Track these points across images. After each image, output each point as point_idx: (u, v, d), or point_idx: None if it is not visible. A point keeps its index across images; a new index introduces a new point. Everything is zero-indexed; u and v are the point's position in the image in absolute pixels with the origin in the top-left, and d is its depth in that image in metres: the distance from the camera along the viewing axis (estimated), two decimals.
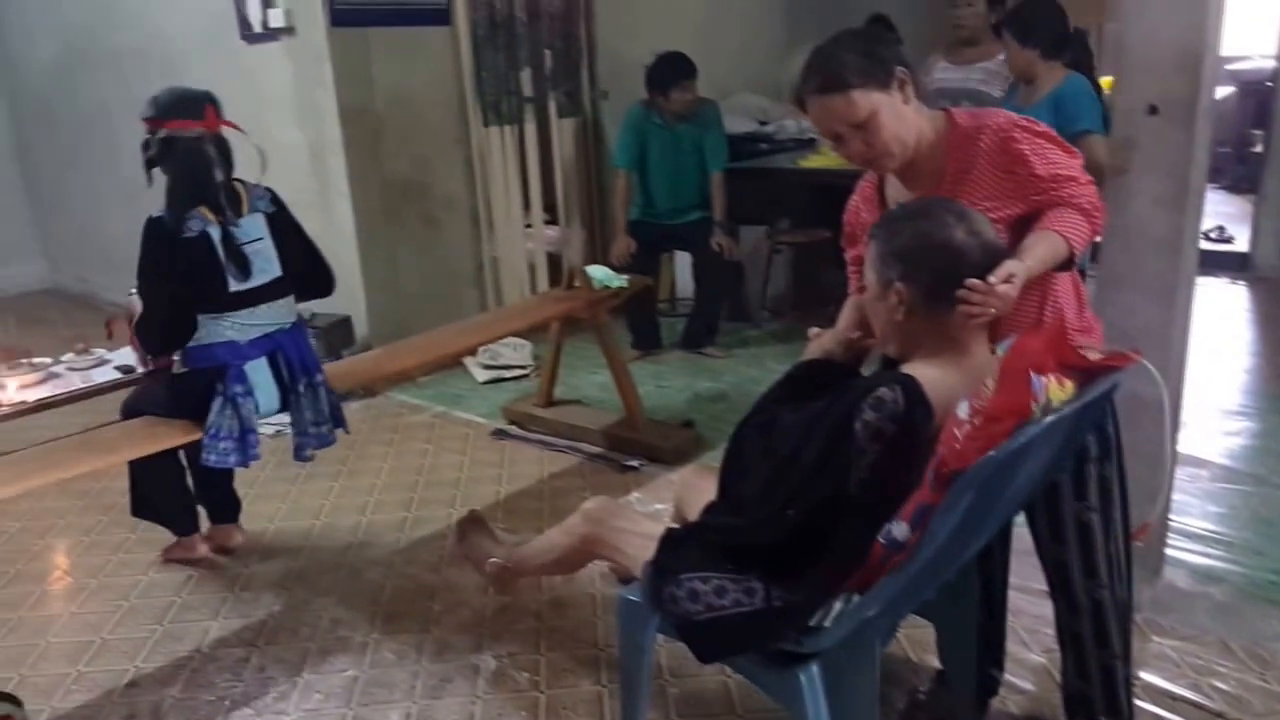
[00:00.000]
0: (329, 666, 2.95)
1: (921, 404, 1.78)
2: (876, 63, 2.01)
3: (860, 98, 1.99)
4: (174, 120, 3.04)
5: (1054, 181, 2.03)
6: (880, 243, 1.95)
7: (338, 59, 5.02)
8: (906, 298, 1.89)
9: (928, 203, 1.99)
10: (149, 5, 6.06)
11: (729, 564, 1.96)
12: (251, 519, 3.78)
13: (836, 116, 2.03)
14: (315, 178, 5.20)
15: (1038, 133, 2.07)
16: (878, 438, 1.77)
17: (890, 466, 1.78)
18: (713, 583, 1.94)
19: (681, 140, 5.49)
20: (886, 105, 2.01)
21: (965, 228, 1.87)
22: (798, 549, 1.89)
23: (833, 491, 1.80)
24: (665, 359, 5.58)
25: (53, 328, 5.73)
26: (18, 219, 8.18)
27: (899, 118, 2.04)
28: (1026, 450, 1.72)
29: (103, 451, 3.01)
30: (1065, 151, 2.08)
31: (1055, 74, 3.81)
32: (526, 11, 5.71)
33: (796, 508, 1.84)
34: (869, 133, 2.03)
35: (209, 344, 3.07)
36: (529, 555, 2.81)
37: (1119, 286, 2.75)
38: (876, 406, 1.77)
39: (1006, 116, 2.10)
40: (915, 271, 1.88)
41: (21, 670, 3.02)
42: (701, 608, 1.94)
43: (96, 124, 6.96)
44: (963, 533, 1.77)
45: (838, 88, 2.00)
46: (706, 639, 1.98)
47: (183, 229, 2.98)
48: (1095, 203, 2.07)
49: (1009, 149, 2.05)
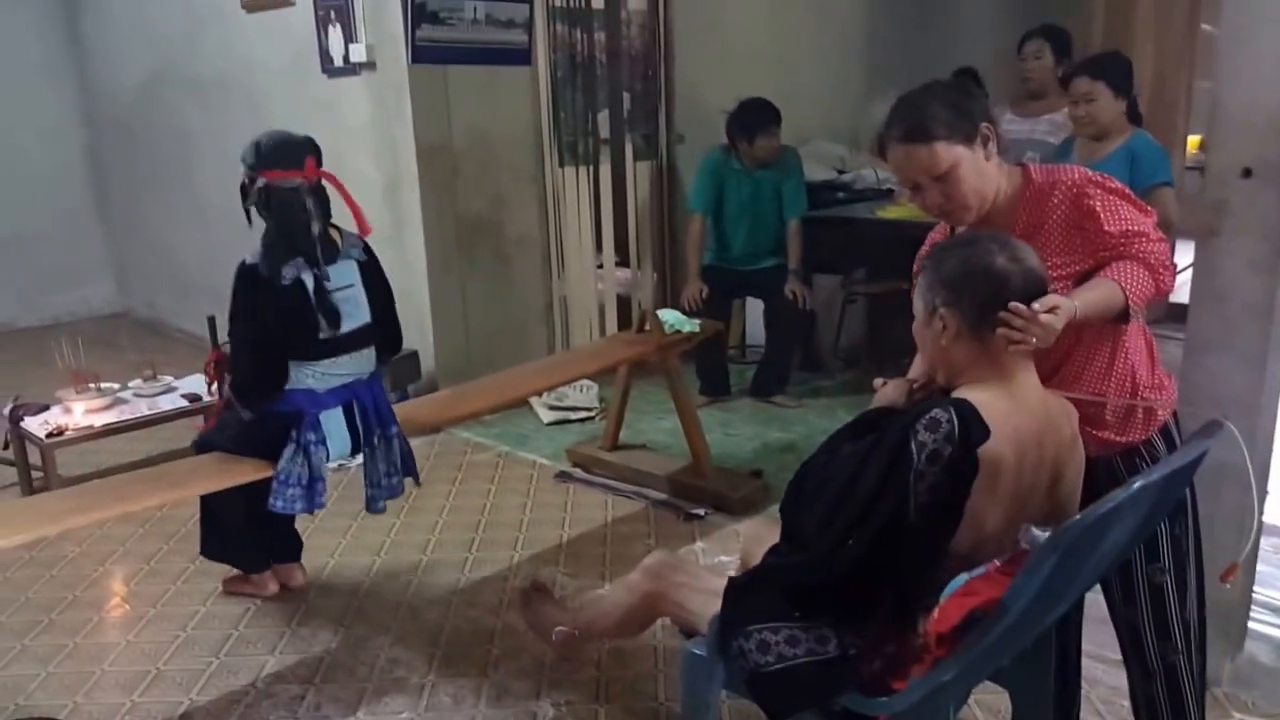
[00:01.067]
0: (385, 708, 2.88)
1: (977, 423, 1.76)
2: (963, 116, 2.02)
3: (944, 150, 2.00)
4: (273, 170, 3.01)
5: (1123, 237, 2.00)
6: (928, 272, 1.97)
7: (417, 95, 5.04)
8: (951, 323, 1.90)
9: (974, 234, 2.03)
10: (235, 35, 6.15)
11: (797, 612, 1.92)
12: (312, 553, 3.73)
13: (918, 166, 2.03)
14: (390, 212, 5.20)
15: (1111, 189, 2.05)
16: (934, 459, 1.76)
17: (950, 489, 1.77)
18: (783, 633, 1.91)
19: (761, 186, 5.43)
20: (969, 160, 2.02)
21: (1008, 255, 1.88)
22: (864, 587, 1.86)
23: (893, 518, 1.78)
24: (734, 406, 5.48)
25: (121, 352, 5.77)
26: (90, 242, 8.28)
27: (979, 173, 2.04)
28: (1114, 515, 1.65)
29: (173, 485, 2.99)
30: (1138, 209, 2.05)
31: (1125, 128, 3.73)
32: (606, 53, 5.73)
33: (857, 538, 1.82)
34: (948, 185, 2.03)
35: (289, 390, 3.05)
36: (594, 619, 2.73)
37: (1207, 350, 2.64)
38: (932, 428, 1.77)
39: (1081, 173, 2.09)
40: (958, 297, 1.89)
41: (76, 698, 2.99)
42: (773, 659, 1.89)
43: (175, 150, 7.07)
44: (1045, 598, 1.70)
45: (922, 138, 2.01)
46: (778, 691, 1.92)
47: (278, 276, 2.96)
48: (1164, 260, 2.02)
49: (1081, 205, 2.03)
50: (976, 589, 1.76)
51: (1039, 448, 1.87)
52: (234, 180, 3.10)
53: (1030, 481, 1.86)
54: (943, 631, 1.73)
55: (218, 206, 6.54)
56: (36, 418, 4.32)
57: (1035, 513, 1.89)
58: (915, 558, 1.81)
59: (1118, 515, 1.69)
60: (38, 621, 3.43)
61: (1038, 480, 1.89)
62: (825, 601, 1.90)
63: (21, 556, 3.86)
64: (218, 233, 6.61)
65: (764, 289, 5.57)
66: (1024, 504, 1.87)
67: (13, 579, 3.73)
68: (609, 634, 2.75)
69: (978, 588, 1.77)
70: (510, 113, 5.41)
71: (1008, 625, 1.68)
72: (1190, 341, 2.70)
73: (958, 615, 1.72)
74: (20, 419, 4.31)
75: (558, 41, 5.49)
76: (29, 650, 3.26)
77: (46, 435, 4.17)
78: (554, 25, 5.46)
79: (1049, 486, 1.91)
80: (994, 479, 1.79)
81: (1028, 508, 1.88)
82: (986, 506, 1.80)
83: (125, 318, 8.23)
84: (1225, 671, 2.81)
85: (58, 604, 3.55)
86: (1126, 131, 3.72)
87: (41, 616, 3.47)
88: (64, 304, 8.21)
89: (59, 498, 3.00)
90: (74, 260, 8.21)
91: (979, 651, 1.73)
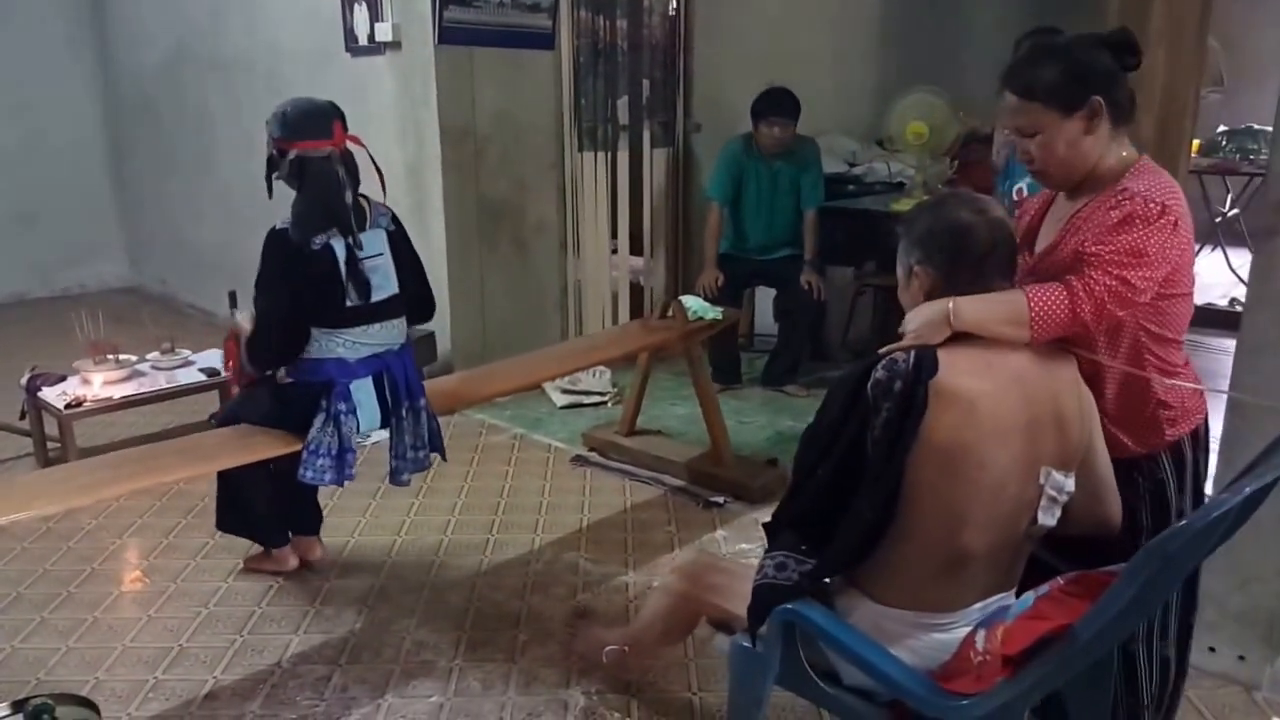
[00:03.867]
0: (413, 691, 2.88)
1: (930, 362, 1.84)
2: (1075, 85, 1.98)
3: (1038, 113, 2.01)
4: (304, 141, 2.97)
5: (1086, 256, 1.94)
6: (902, 236, 2.04)
7: (443, 77, 5.02)
8: (925, 280, 1.98)
9: (943, 195, 2.15)
10: (259, 14, 6.12)
11: (804, 545, 2.09)
12: (332, 532, 3.73)
13: (1013, 118, 2.06)
14: (411, 194, 5.18)
15: (1137, 219, 1.92)
16: (888, 394, 1.85)
17: (900, 423, 1.84)
18: (778, 559, 2.09)
19: (779, 177, 5.42)
20: (1061, 130, 2.00)
21: (971, 209, 1.95)
22: (832, 516, 1.98)
23: (851, 448, 1.91)
24: (746, 394, 5.49)
25: (139, 326, 5.74)
26: (105, 217, 8.29)
27: (1072, 145, 2.01)
28: (1220, 522, 1.62)
29: (202, 458, 2.97)
30: (1130, 250, 1.91)
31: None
32: (628, 41, 5.71)
33: (824, 468, 1.97)
34: (1036, 147, 2.04)
35: (320, 359, 3.03)
36: (638, 631, 2.73)
37: (1263, 352, 2.62)
38: (889, 366, 1.88)
39: (1145, 196, 1.95)
40: (929, 254, 1.97)
41: (98, 674, 2.98)
42: (760, 576, 2.10)
43: (194, 129, 7.05)
44: (1138, 606, 1.67)
45: (1023, 94, 2.02)
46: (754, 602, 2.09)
47: (308, 242, 2.93)
48: (1097, 294, 1.90)
49: (1115, 208, 1.95)
50: (1045, 611, 1.76)
51: (1021, 384, 1.88)
52: (253, 160, 3.08)
53: (1024, 417, 1.86)
54: (1010, 654, 1.72)
55: (236, 185, 6.53)
56: (54, 388, 4.31)
57: (1049, 455, 1.89)
58: (876, 488, 1.88)
59: (1224, 520, 1.65)
60: (56, 594, 3.42)
61: (1035, 417, 1.87)
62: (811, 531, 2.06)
63: (39, 528, 3.85)
64: (235, 211, 6.60)
65: (779, 278, 5.57)
66: (1030, 442, 1.86)
67: (31, 550, 3.72)
68: (657, 643, 2.71)
69: (1046, 610, 1.76)
70: (533, 97, 5.40)
71: (1095, 633, 1.67)
72: (1244, 342, 2.67)
73: (1026, 639, 1.72)
74: (38, 389, 4.30)
75: (581, 27, 5.47)
76: (49, 623, 3.24)
77: (65, 406, 4.16)
78: (578, 11, 5.44)
79: (1055, 428, 1.90)
80: (969, 408, 1.82)
81: (1036, 447, 1.87)
82: (971, 438, 1.82)
83: (136, 293, 8.20)
84: (1265, 676, 2.81)
85: (76, 577, 3.54)
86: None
87: (60, 589, 3.45)
88: (76, 277, 8.24)
89: (87, 468, 2.96)
90: (88, 235, 8.22)
91: (1063, 660, 1.72)
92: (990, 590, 1.97)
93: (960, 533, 1.86)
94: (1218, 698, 2.79)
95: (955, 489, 1.84)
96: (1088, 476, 1.97)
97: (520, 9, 5.13)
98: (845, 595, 2.05)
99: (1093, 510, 2.01)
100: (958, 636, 1.92)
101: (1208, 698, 2.79)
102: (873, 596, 1.98)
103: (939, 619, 1.94)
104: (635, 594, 3.37)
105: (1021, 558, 2.01)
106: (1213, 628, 2.83)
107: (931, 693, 1.82)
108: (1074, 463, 1.93)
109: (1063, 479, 1.90)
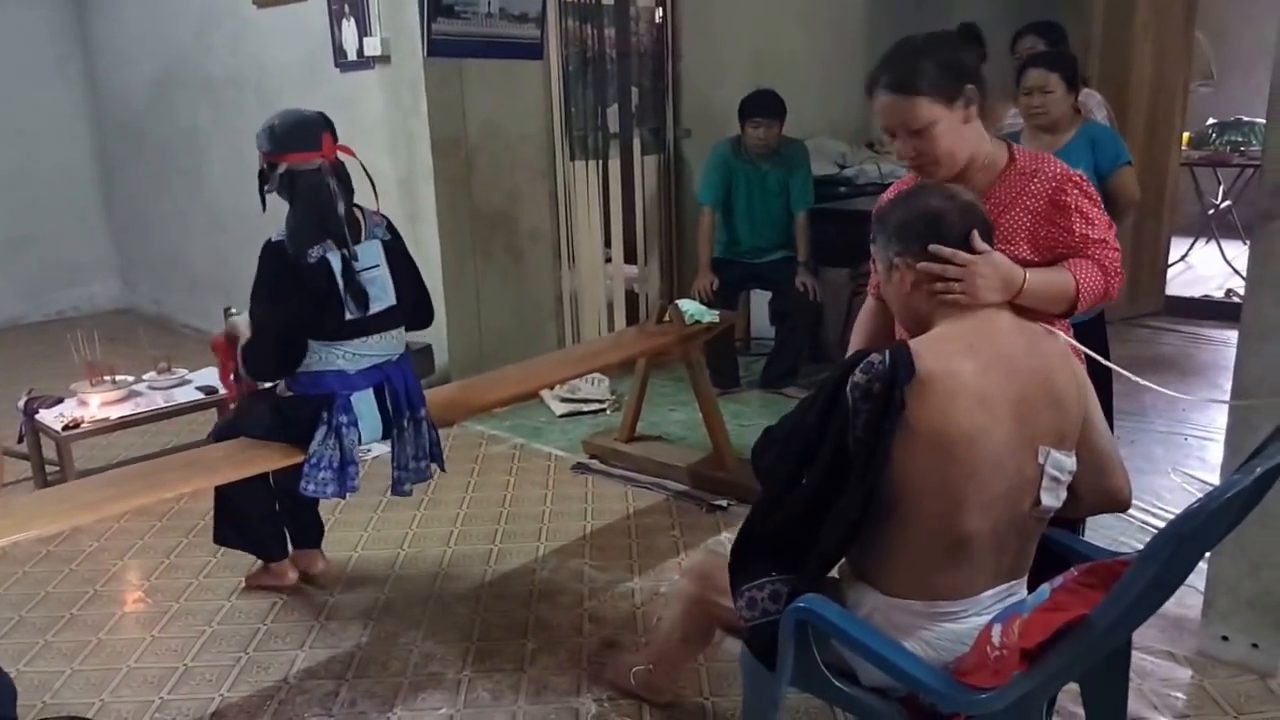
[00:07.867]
0: (422, 704, 2.85)
1: (906, 363, 1.82)
2: (952, 75, 2.07)
3: (924, 106, 2.06)
4: (292, 154, 2.95)
5: (1083, 241, 2.12)
6: (878, 231, 2.03)
7: (432, 89, 5.01)
8: (910, 272, 1.97)
9: (914, 185, 2.13)
10: (247, 31, 6.11)
11: (774, 571, 2.04)
12: (334, 546, 3.71)
13: (897, 117, 2.09)
14: (404, 206, 5.16)
15: (1088, 194, 2.14)
16: (867, 397, 1.83)
17: (878, 423, 1.83)
18: (768, 589, 2.03)
19: (768, 179, 5.44)
20: (947, 120, 2.07)
21: (943, 195, 1.98)
22: (817, 525, 1.94)
23: (835, 453, 1.88)
24: (744, 398, 5.48)
25: (135, 347, 5.73)
26: (97, 240, 8.30)
27: (955, 134, 2.09)
28: (1233, 502, 1.60)
29: (205, 472, 2.95)
30: (1104, 219, 2.16)
31: (1075, 119, 3.76)
32: (616, 49, 5.71)
33: (808, 476, 1.94)
34: (923, 141, 2.08)
35: (320, 371, 3.01)
36: (660, 646, 2.70)
37: (1266, 337, 2.61)
38: (866, 369, 1.85)
39: (1063, 168, 2.16)
40: (905, 245, 1.96)
41: (103, 696, 2.95)
42: (758, 614, 2.04)
43: (184, 148, 7.04)
44: (1155, 591, 1.66)
45: (906, 90, 2.06)
46: (762, 643, 2.04)
47: (304, 255, 2.91)
48: (1116, 267, 2.14)
49: (1058, 200, 2.12)
50: (1061, 603, 1.74)
51: (1007, 360, 1.88)
52: (244, 178, 3.07)
53: (1012, 393, 1.85)
54: (1028, 647, 1.71)
55: (227, 204, 6.53)
56: (51, 410, 4.29)
57: (1046, 433, 1.88)
58: (860, 485, 1.86)
59: (1237, 501, 1.64)
60: (59, 617, 3.39)
61: (1025, 394, 1.87)
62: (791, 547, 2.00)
63: (38, 551, 3.82)
64: (227, 230, 6.59)
65: (773, 281, 5.58)
66: (1023, 419, 1.86)
67: (31, 574, 3.69)
68: (678, 652, 2.67)
69: (1062, 601, 1.75)
70: (523, 107, 5.39)
71: (1114, 618, 1.68)
72: (1247, 328, 2.67)
73: (1044, 632, 1.70)
74: (35, 412, 4.28)
75: (569, 37, 5.47)
76: (52, 646, 3.22)
77: (62, 428, 4.13)
78: (565, 20, 5.45)
79: (1050, 405, 1.89)
80: (953, 388, 1.82)
81: (1030, 424, 1.87)
82: (959, 415, 1.81)
83: (131, 313, 8.19)
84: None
85: (78, 599, 3.51)
86: (1078, 121, 3.76)
87: (63, 611, 3.43)
88: (70, 299, 8.24)
89: (90, 486, 2.94)
90: (81, 257, 8.22)
91: (1081, 649, 1.72)
92: (1000, 576, 1.95)
93: (959, 514, 1.85)
94: (1234, 688, 2.77)
95: (949, 470, 1.83)
96: (1088, 450, 1.96)
97: (508, 20, 5.13)
98: (854, 589, 2.03)
99: (1099, 485, 2.00)
100: (971, 627, 1.91)
101: (1223, 688, 2.76)
102: (880, 588, 1.97)
103: (950, 607, 1.92)
104: (641, 600, 3.35)
105: (1030, 541, 1.99)
106: (1225, 616, 2.83)
107: (950, 688, 1.81)
108: (1073, 440, 1.92)
109: (1063, 458, 1.89)
